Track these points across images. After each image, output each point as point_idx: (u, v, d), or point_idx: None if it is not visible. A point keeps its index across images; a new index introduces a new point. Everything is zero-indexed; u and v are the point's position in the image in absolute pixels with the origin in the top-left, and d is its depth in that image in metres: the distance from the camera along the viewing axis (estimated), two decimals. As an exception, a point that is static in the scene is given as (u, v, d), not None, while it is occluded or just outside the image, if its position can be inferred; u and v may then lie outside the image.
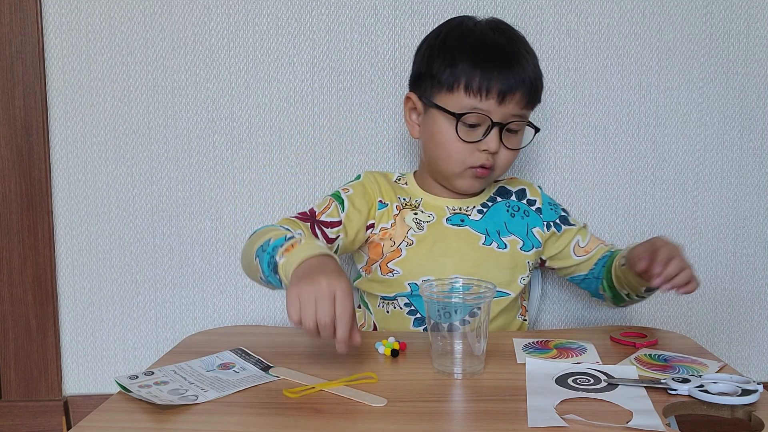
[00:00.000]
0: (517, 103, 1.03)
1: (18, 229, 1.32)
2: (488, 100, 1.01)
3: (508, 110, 1.03)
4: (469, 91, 1.01)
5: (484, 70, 1.01)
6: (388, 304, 1.11)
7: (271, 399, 0.78)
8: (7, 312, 1.34)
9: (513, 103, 1.02)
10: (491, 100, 1.01)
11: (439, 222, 1.10)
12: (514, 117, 1.04)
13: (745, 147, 1.34)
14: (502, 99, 1.01)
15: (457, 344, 0.84)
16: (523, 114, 1.05)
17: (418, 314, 1.08)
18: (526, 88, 1.03)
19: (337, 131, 1.32)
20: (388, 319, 1.11)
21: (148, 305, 1.35)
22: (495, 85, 1.01)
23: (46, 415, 1.35)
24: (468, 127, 1.03)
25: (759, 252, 1.37)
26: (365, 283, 1.14)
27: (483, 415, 0.74)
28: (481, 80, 1.01)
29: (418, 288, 1.07)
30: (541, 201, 1.17)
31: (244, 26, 1.29)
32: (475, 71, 1.01)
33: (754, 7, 1.31)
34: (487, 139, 1.03)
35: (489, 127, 1.02)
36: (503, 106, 1.02)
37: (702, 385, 0.79)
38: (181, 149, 1.32)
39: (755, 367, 1.40)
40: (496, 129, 1.03)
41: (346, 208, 1.08)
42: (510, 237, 1.11)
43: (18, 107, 1.29)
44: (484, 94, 1.01)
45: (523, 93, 1.03)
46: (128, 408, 0.76)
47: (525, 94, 1.03)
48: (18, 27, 1.27)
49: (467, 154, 1.04)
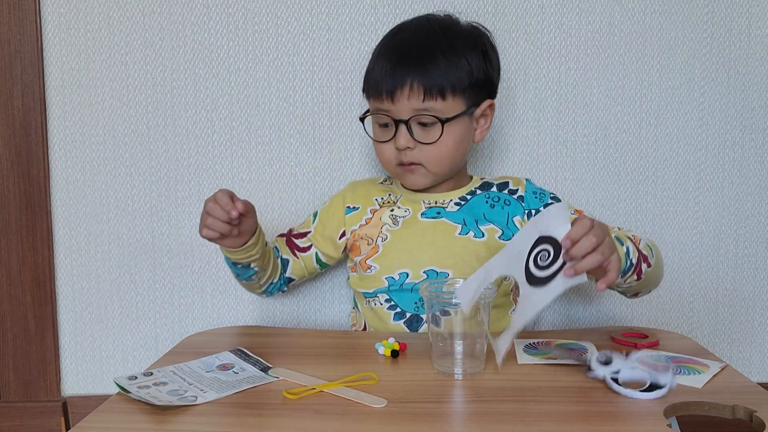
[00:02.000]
0: (412, 97, 1.03)
1: (16, 229, 1.31)
2: (383, 100, 1.05)
3: (404, 106, 1.04)
4: (369, 93, 1.08)
5: (378, 71, 1.06)
6: (371, 302, 1.12)
7: (270, 400, 0.78)
8: (5, 312, 1.33)
9: (404, 98, 1.03)
10: (386, 99, 1.04)
11: (414, 217, 1.12)
12: (418, 111, 1.04)
13: (747, 146, 1.34)
14: (391, 96, 1.04)
15: (457, 345, 0.84)
16: (427, 107, 1.03)
17: (398, 308, 1.09)
18: (420, 79, 1.02)
19: (337, 131, 1.32)
20: (373, 316, 1.13)
21: (148, 305, 1.35)
22: (383, 84, 1.04)
23: (45, 416, 1.34)
24: (381, 128, 1.08)
25: (760, 252, 1.36)
26: (354, 283, 1.17)
27: (483, 415, 0.73)
28: (374, 81, 1.06)
29: (395, 282, 1.09)
30: (525, 189, 1.15)
31: (244, 26, 1.29)
32: (372, 73, 1.07)
33: (755, 6, 1.30)
34: (396, 136, 1.06)
35: (397, 125, 1.05)
36: (396, 103, 1.04)
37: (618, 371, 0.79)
38: (180, 149, 1.32)
39: (756, 367, 1.39)
40: (402, 126, 1.05)
41: (316, 221, 1.19)
42: (488, 226, 1.10)
43: (16, 107, 1.29)
44: (377, 94, 1.05)
45: (414, 87, 1.02)
46: (127, 409, 0.76)
47: (419, 87, 1.02)
48: (17, 26, 1.27)
49: (389, 153, 1.08)
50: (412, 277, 1.08)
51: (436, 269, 1.08)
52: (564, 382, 0.82)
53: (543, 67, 1.30)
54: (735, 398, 0.77)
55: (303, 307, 1.35)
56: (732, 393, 0.79)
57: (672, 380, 0.79)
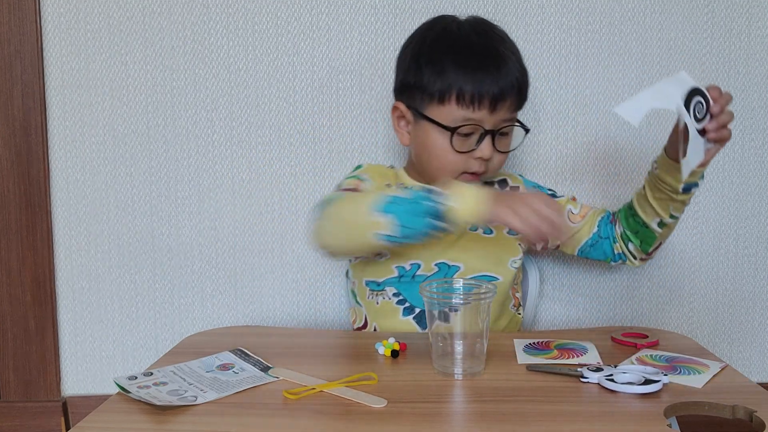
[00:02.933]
0: (508, 109, 1.04)
1: (16, 229, 1.32)
2: (481, 110, 1.01)
3: (500, 116, 1.03)
4: (462, 103, 1.01)
5: (474, 81, 1.01)
6: (377, 295, 1.11)
7: (270, 400, 0.78)
8: (5, 312, 1.33)
9: (504, 109, 1.03)
10: (484, 109, 1.01)
11: None
12: (505, 122, 1.05)
13: (747, 146, 1.34)
14: (494, 108, 1.02)
15: (457, 345, 0.84)
16: (513, 117, 1.06)
17: (407, 303, 1.08)
18: (516, 91, 1.04)
19: (337, 131, 1.32)
20: (378, 312, 1.11)
21: (147, 306, 1.35)
22: (486, 96, 1.01)
23: (45, 416, 1.34)
24: (461, 138, 1.03)
25: (760, 252, 1.36)
26: (358, 269, 1.14)
27: (483, 416, 0.73)
28: (473, 91, 1.01)
29: (406, 273, 1.08)
30: (524, 186, 1.18)
31: (244, 26, 1.29)
32: (466, 82, 1.01)
33: (755, 6, 1.30)
34: (481, 147, 1.03)
35: (482, 136, 1.03)
36: (495, 114, 1.02)
37: (611, 374, 0.81)
38: (180, 149, 1.32)
39: (756, 367, 1.39)
40: (489, 137, 1.03)
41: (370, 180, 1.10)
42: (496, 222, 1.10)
43: (17, 107, 1.29)
44: (477, 105, 1.01)
45: (513, 98, 1.03)
46: (127, 409, 0.76)
47: (515, 98, 1.04)
48: (17, 26, 1.27)
49: (462, 162, 1.05)
50: (424, 269, 1.07)
51: (447, 262, 1.07)
52: (564, 382, 0.82)
53: (543, 67, 1.30)
54: (735, 398, 0.77)
55: (303, 307, 1.35)
56: (732, 393, 0.79)
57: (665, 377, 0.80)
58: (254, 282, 1.35)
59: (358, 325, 1.15)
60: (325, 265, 1.34)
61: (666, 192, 1.02)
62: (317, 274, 1.35)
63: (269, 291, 1.35)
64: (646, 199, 1.06)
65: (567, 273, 1.36)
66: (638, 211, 1.08)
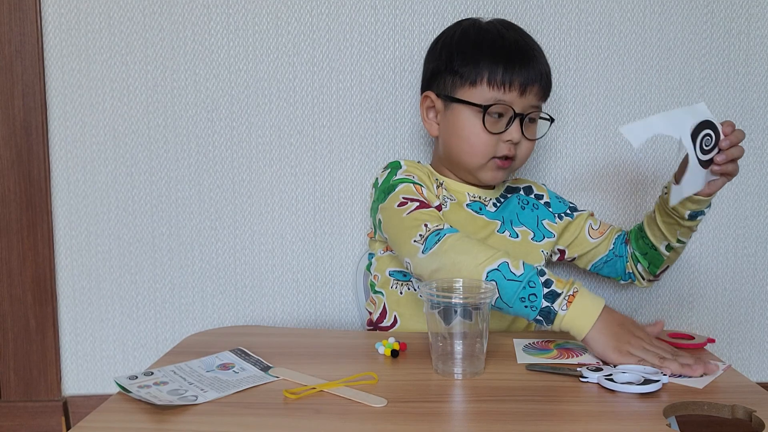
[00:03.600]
0: (536, 95, 1.08)
1: (17, 229, 1.32)
2: (511, 92, 1.05)
3: (528, 101, 1.07)
4: (493, 84, 1.05)
5: (506, 64, 1.05)
6: (402, 285, 1.12)
7: (270, 399, 0.78)
8: (6, 312, 1.33)
9: (533, 94, 1.07)
10: (514, 92, 1.05)
11: (459, 204, 1.12)
12: (533, 108, 1.08)
13: (747, 146, 1.33)
14: (523, 90, 1.06)
15: (457, 345, 0.84)
16: (539, 105, 1.10)
17: None
18: (544, 80, 1.08)
19: (336, 131, 1.32)
20: (401, 302, 1.11)
21: (148, 305, 1.35)
22: (517, 78, 1.05)
23: (45, 416, 1.35)
24: (494, 118, 1.07)
25: (759, 252, 1.37)
26: (384, 261, 1.14)
27: (483, 415, 0.74)
28: (504, 73, 1.05)
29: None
30: (548, 196, 1.22)
31: (244, 26, 1.29)
32: (497, 65, 1.05)
33: (754, 7, 1.30)
34: (511, 129, 1.06)
35: (511, 118, 1.06)
36: (524, 97, 1.06)
37: (611, 374, 0.82)
38: (180, 149, 1.32)
39: (756, 367, 1.40)
40: (518, 120, 1.07)
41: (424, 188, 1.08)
42: (521, 228, 1.15)
43: (17, 107, 1.29)
44: (507, 87, 1.05)
45: (540, 85, 1.08)
46: (128, 408, 0.76)
47: (542, 86, 1.08)
48: (17, 26, 1.27)
49: (492, 144, 1.07)
50: None
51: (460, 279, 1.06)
52: (563, 382, 0.82)
53: (543, 67, 1.30)
54: (734, 398, 0.77)
55: (303, 307, 1.36)
56: (731, 393, 0.79)
57: (664, 376, 0.80)
58: (254, 282, 1.35)
59: (376, 314, 1.14)
60: (326, 265, 1.34)
61: (674, 217, 1.06)
62: (317, 274, 1.35)
63: (269, 291, 1.35)
64: (655, 222, 1.10)
65: (568, 272, 1.36)
66: (648, 233, 1.12)
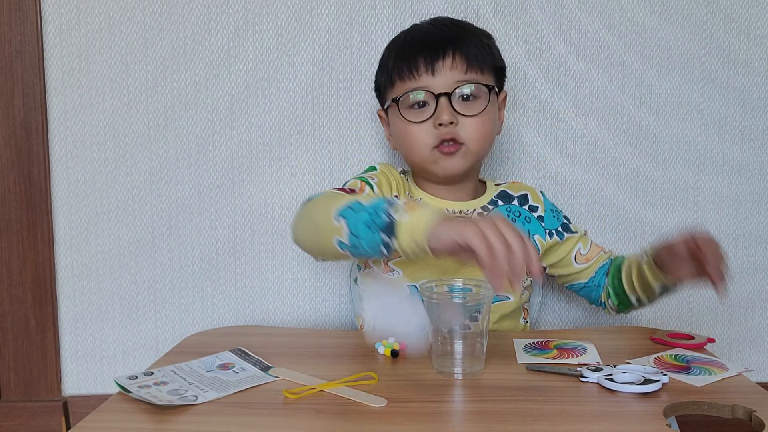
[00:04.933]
0: (453, 69, 1.02)
1: (17, 229, 1.32)
2: (420, 77, 1.02)
3: (447, 78, 1.01)
4: (402, 77, 1.04)
5: (409, 54, 1.03)
6: None
7: (270, 399, 0.78)
8: (6, 312, 1.33)
9: (446, 69, 1.01)
10: (423, 75, 1.02)
11: None
12: (460, 83, 1.02)
13: (746, 147, 1.34)
14: (432, 69, 1.01)
15: (457, 344, 0.84)
16: (470, 78, 1.03)
17: None
18: (460, 50, 1.02)
19: (337, 131, 1.32)
20: None
21: (148, 305, 1.35)
22: (420, 60, 1.02)
23: (45, 416, 1.35)
24: (416, 109, 1.04)
25: (759, 252, 1.37)
26: (366, 278, 1.13)
27: (483, 415, 0.74)
28: (408, 62, 1.03)
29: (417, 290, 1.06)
30: (544, 208, 1.15)
31: (244, 26, 1.29)
32: (401, 59, 1.04)
33: (754, 7, 1.30)
34: (437, 111, 1.02)
35: (436, 101, 1.02)
36: (438, 76, 1.01)
37: (611, 374, 0.81)
38: (181, 149, 1.32)
39: (755, 367, 1.40)
40: (444, 99, 1.01)
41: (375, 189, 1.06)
42: None
43: (17, 107, 1.29)
44: (415, 72, 1.02)
45: (456, 56, 1.01)
46: (128, 408, 0.76)
47: (461, 56, 1.02)
48: (17, 26, 1.27)
49: (424, 134, 1.03)
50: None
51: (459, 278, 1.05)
52: (563, 382, 0.82)
53: (542, 67, 1.31)
54: (734, 398, 0.77)
55: (303, 307, 1.36)
56: (731, 392, 0.79)
57: (664, 376, 0.80)
58: (254, 282, 1.35)
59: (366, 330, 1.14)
60: (326, 265, 1.34)
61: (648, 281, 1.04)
62: (317, 274, 1.35)
63: (269, 291, 1.35)
64: (632, 273, 1.07)
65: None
66: (623, 279, 1.09)
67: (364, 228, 0.81)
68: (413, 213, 0.79)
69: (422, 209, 0.80)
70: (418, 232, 0.77)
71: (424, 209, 0.80)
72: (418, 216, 0.78)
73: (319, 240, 0.89)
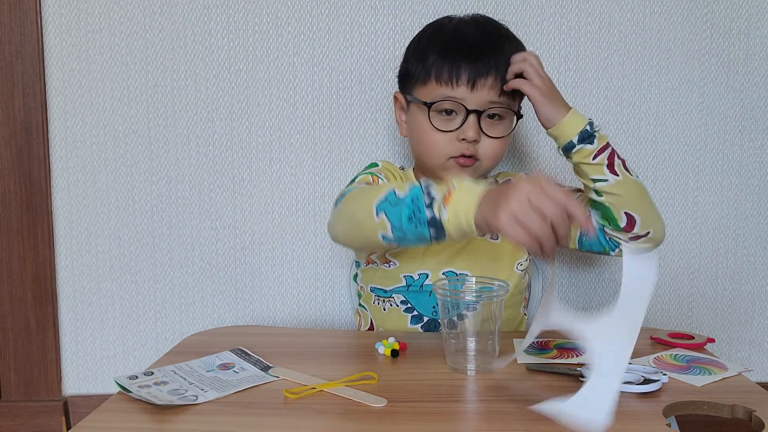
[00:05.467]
0: (491, 89, 1.01)
1: (18, 229, 1.32)
2: (459, 87, 1.01)
3: (483, 97, 1.01)
4: (440, 80, 1.01)
5: (453, 58, 1.01)
6: (384, 302, 1.10)
7: (271, 399, 0.78)
8: (6, 312, 1.33)
9: (486, 88, 1.01)
10: (462, 86, 1.00)
11: None
12: (492, 104, 1.02)
13: (746, 147, 1.34)
14: (473, 85, 1.00)
15: (470, 342, 0.85)
16: (502, 101, 1.03)
17: (414, 312, 1.08)
18: (500, 73, 1.01)
19: (337, 131, 1.32)
20: (385, 317, 1.11)
21: (148, 305, 1.35)
22: (464, 71, 1.00)
23: (45, 416, 1.35)
24: (443, 116, 1.03)
25: (759, 252, 1.37)
26: (366, 275, 1.14)
27: (483, 415, 0.74)
28: (450, 67, 1.01)
29: (414, 282, 1.07)
30: None
31: (244, 26, 1.29)
32: (444, 60, 1.01)
33: (754, 7, 1.31)
34: (464, 127, 1.01)
35: (465, 116, 1.01)
36: (476, 92, 1.01)
37: None
38: (181, 149, 1.32)
39: (755, 367, 1.40)
40: (473, 116, 1.01)
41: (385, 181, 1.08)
42: None
43: (18, 107, 1.29)
44: (455, 82, 1.01)
45: (496, 78, 1.01)
46: (128, 408, 0.76)
47: (499, 79, 1.02)
48: (17, 27, 1.27)
49: (445, 144, 1.03)
50: (432, 278, 1.07)
51: (455, 270, 1.06)
52: (563, 382, 0.83)
53: (543, 67, 1.30)
54: (734, 398, 0.77)
55: (303, 307, 1.36)
56: (731, 392, 0.79)
57: (664, 376, 0.80)
58: (254, 282, 1.35)
59: (364, 328, 1.15)
60: (326, 264, 1.34)
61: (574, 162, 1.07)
62: (317, 274, 1.35)
63: (269, 291, 1.35)
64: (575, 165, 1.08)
65: (568, 271, 1.36)
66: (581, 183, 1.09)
67: (407, 223, 0.82)
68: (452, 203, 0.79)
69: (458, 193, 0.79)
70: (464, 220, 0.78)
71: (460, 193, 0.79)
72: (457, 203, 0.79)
73: (363, 236, 0.89)
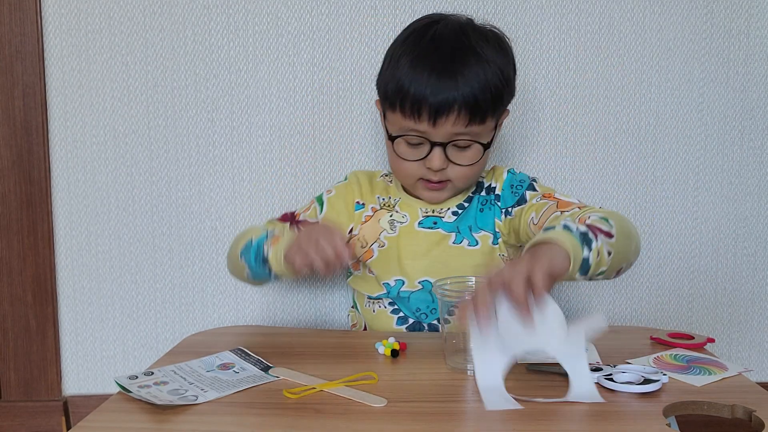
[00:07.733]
0: (455, 123, 0.96)
1: (17, 229, 1.32)
2: (421, 122, 0.97)
3: (446, 130, 0.97)
4: (404, 113, 0.98)
5: (416, 90, 0.96)
6: (374, 304, 1.12)
7: (271, 399, 0.78)
8: (6, 312, 1.33)
9: (449, 123, 0.96)
10: (424, 122, 0.97)
11: (411, 225, 1.09)
12: (457, 135, 0.98)
13: (746, 147, 1.34)
14: (434, 121, 0.96)
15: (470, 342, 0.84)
16: (469, 131, 0.98)
17: (401, 313, 1.09)
18: (466, 106, 0.96)
19: (337, 131, 1.32)
20: (375, 319, 1.12)
21: (148, 305, 1.35)
22: (425, 107, 0.95)
23: (45, 416, 1.35)
24: (410, 145, 1.01)
25: (759, 252, 1.37)
26: (356, 281, 1.16)
27: (483, 415, 0.74)
28: (413, 101, 0.96)
29: (391, 288, 1.08)
30: (501, 186, 1.09)
31: (244, 26, 1.29)
32: (408, 90, 0.96)
33: (754, 7, 1.30)
34: (430, 157, 1.00)
35: (430, 147, 0.99)
36: (438, 127, 0.97)
37: (611, 374, 0.81)
38: (181, 149, 1.32)
39: (755, 367, 1.40)
40: (438, 148, 0.99)
41: (324, 210, 1.13)
42: (480, 233, 1.08)
43: (17, 107, 1.29)
44: (417, 116, 0.97)
45: (461, 112, 0.96)
46: (128, 408, 0.76)
47: (465, 112, 0.96)
48: (17, 27, 1.27)
49: (414, 168, 1.03)
50: (408, 285, 1.07)
51: (430, 279, 1.06)
52: (564, 382, 0.82)
53: (542, 67, 1.31)
54: (734, 398, 0.77)
55: (303, 307, 1.36)
56: (731, 392, 0.79)
57: (664, 376, 0.80)
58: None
59: (357, 329, 1.17)
60: (326, 264, 1.34)
61: None
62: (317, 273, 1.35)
63: (269, 291, 1.35)
64: None
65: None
66: None
67: (255, 263, 0.98)
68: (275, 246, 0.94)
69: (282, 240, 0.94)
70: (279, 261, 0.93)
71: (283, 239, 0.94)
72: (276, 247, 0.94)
73: (238, 274, 1.07)
